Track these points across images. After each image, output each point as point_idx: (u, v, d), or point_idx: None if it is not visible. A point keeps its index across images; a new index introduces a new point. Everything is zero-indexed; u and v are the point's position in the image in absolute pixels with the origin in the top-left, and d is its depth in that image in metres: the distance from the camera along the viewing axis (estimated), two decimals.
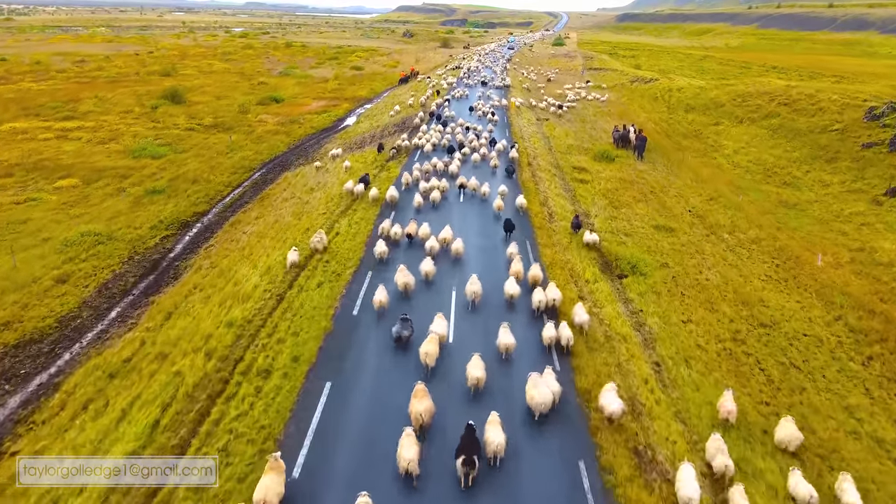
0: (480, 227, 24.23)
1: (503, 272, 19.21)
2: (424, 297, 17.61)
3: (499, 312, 17.03)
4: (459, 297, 17.64)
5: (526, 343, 15.37)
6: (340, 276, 17.60)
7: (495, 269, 19.94)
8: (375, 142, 39.58)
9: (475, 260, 20.73)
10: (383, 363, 14.18)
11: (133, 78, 77.08)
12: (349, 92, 70.55)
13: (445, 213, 25.10)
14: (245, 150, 40.53)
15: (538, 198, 27.16)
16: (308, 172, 33.38)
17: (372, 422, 12.05)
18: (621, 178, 34.12)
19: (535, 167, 33.21)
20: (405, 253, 20.62)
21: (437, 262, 19.15)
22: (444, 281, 18.73)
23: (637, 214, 28.12)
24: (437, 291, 18.16)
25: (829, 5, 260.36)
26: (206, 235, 25.81)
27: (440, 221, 22.86)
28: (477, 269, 18.99)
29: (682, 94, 57.60)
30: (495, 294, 17.76)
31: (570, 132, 46.08)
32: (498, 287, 17.92)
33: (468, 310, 17.12)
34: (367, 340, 15.01)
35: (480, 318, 16.79)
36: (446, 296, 17.82)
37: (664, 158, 39.43)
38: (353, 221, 22.39)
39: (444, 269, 19.48)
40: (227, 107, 56.69)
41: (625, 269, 21.91)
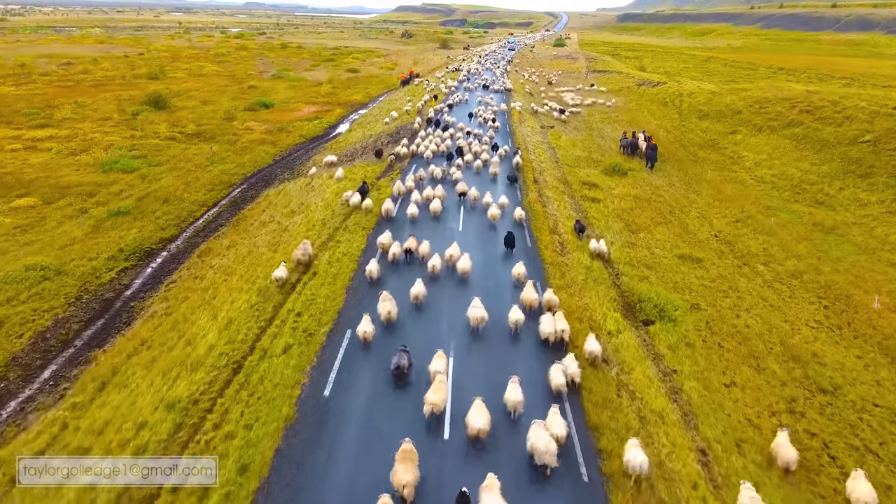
0: (480, 241, 22.36)
1: (506, 294, 18.04)
2: (414, 327, 15.92)
3: (502, 343, 15.50)
4: (454, 326, 15.92)
5: (531, 383, 13.45)
6: (312, 338, 14.42)
7: (496, 289, 18.43)
8: (367, 153, 36.49)
9: (473, 279, 18.95)
10: (360, 471, 10.79)
11: (118, 82, 73.98)
12: (343, 96, 67.45)
13: (444, 226, 23.66)
14: (226, 163, 37.41)
15: (547, 223, 24.05)
16: (291, 190, 30.27)
17: None
18: (636, 195, 31.05)
19: (543, 184, 30.11)
20: (403, 272, 18.91)
21: (429, 283, 17.70)
22: (437, 306, 17.04)
23: (658, 240, 25.04)
24: (428, 319, 16.43)
25: (832, 5, 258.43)
26: (171, 268, 22.69)
27: (440, 235, 21.78)
28: (476, 291, 17.49)
29: (693, 100, 54.51)
30: (496, 320, 16.17)
31: (577, 141, 43.00)
32: (499, 310, 16.47)
33: (467, 340, 15.46)
34: (340, 437, 11.71)
35: (481, 350, 15.09)
36: (440, 325, 16.08)
37: (680, 172, 36.34)
38: (335, 258, 19.21)
39: (437, 292, 17.74)
40: (213, 113, 53.59)
41: (650, 312, 18.82)
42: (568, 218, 25.84)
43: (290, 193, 29.73)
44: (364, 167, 32.12)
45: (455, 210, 25.73)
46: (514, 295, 17.89)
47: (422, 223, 23.60)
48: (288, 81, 77.89)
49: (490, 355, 14.85)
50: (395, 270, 19.23)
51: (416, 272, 18.48)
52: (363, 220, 23.37)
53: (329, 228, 22.40)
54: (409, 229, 22.33)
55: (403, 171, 31.46)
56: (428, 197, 25.57)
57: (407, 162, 34.17)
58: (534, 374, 14.02)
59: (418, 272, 18.46)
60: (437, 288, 17.98)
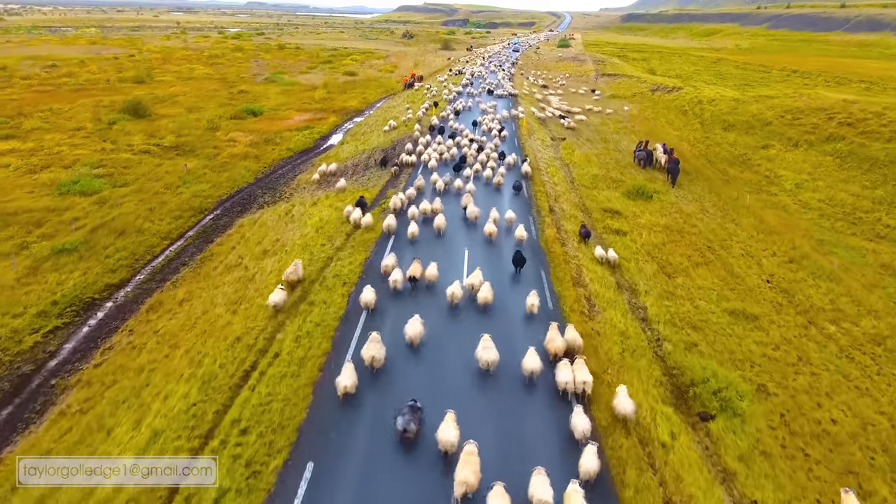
0: (487, 264, 19.73)
1: (518, 329, 15.92)
2: (407, 372, 13.71)
3: (515, 394, 13.27)
4: (456, 374, 13.80)
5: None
6: (259, 479, 10.25)
7: (507, 324, 16.13)
8: (359, 172, 32.39)
9: (478, 311, 16.70)
10: None
11: (102, 86, 69.99)
12: (338, 102, 63.35)
13: (449, 245, 21.56)
14: (201, 182, 33.34)
15: (569, 271, 19.90)
16: (268, 220, 26.20)
17: None
18: (666, 225, 26.93)
19: (559, 214, 25.97)
20: (405, 303, 16.74)
21: (433, 315, 15.92)
22: (438, 347, 14.77)
23: (700, 288, 20.92)
24: (426, 364, 14.22)
25: (841, 6, 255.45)
26: (113, 325, 18.64)
27: (446, 256, 20.03)
28: (482, 325, 15.49)
29: (715, 108, 50.33)
30: (505, 361, 13.98)
31: (593, 156, 38.87)
32: (509, 347, 14.43)
33: (474, 389, 13.35)
34: None
35: (492, 405, 12.87)
36: (439, 368, 14.02)
37: (712, 194, 32.18)
38: (305, 330, 14.97)
39: (435, 328, 15.41)
40: (196, 122, 49.50)
41: (708, 401, 14.68)
42: (592, 260, 21.70)
43: (266, 224, 25.64)
44: (353, 193, 27.97)
45: (461, 225, 23.71)
46: (526, 329, 15.97)
47: (424, 242, 21.59)
48: (281, 85, 73.82)
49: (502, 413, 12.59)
50: (398, 299, 17.06)
51: (419, 304, 16.45)
52: (348, 263, 19.23)
53: (304, 279, 18.26)
54: (410, 250, 20.53)
55: (406, 183, 29.38)
56: (425, 212, 23.84)
57: (411, 171, 32.15)
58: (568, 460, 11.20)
59: (423, 303, 16.50)
60: (437, 319, 15.91)
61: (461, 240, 22.13)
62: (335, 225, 22.92)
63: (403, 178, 31.36)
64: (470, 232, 23.02)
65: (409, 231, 21.41)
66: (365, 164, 32.90)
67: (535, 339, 15.05)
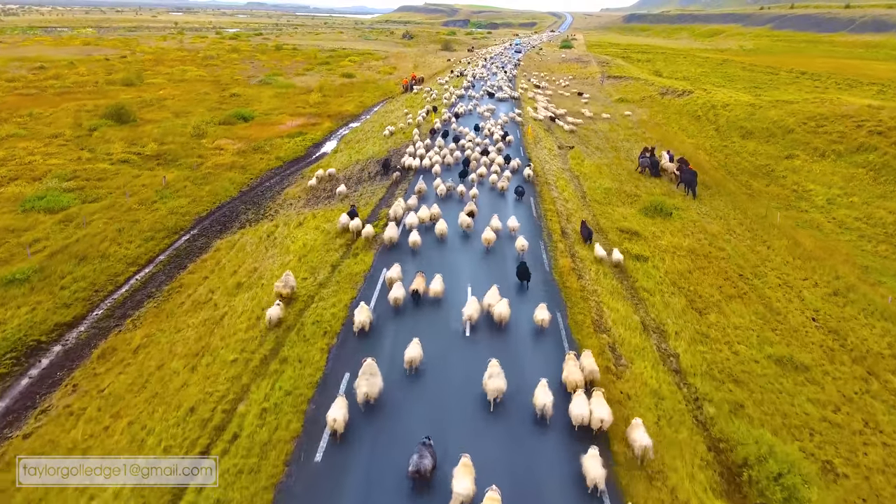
0: (494, 277, 18.48)
1: (527, 353, 14.84)
2: (401, 407, 12.34)
3: (525, 432, 11.99)
4: (460, 400, 12.69)
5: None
6: None
7: (513, 347, 14.98)
8: (352, 186, 29.66)
9: (482, 331, 15.56)
10: None
11: (88, 89, 67.34)
12: (334, 106, 60.68)
13: (451, 256, 20.52)
14: (180, 197, 30.65)
15: (589, 313, 17.17)
16: (248, 243, 23.50)
17: None
18: (690, 248, 24.23)
19: (573, 238, 23.22)
20: (405, 322, 15.66)
21: (433, 336, 14.86)
22: (440, 373, 13.63)
23: (737, 328, 18.23)
24: (424, 389, 13.02)
25: (845, 6, 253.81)
26: (56, 378, 15.93)
27: (451, 268, 18.93)
28: (485, 348, 14.49)
29: (730, 114, 47.61)
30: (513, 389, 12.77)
31: (604, 167, 36.16)
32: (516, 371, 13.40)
33: (480, 422, 12.16)
34: None
35: (502, 442, 11.66)
36: (440, 398, 12.77)
37: (737, 211, 29.47)
38: (272, 400, 12.20)
39: (434, 353, 14.15)
40: (182, 128, 46.82)
41: (767, 488, 11.96)
42: (613, 295, 19.00)
43: (245, 248, 22.94)
44: (342, 211, 25.21)
45: (464, 233, 22.68)
46: (534, 350, 14.94)
47: (426, 252, 20.63)
48: (275, 88, 71.15)
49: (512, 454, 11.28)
50: (398, 317, 15.97)
51: (420, 324, 15.47)
52: (332, 305, 16.49)
53: (273, 329, 15.49)
54: (411, 260, 19.54)
55: (407, 190, 28.11)
56: (423, 219, 22.72)
57: (412, 177, 30.75)
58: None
59: (425, 323, 15.52)
60: (441, 341, 14.86)
61: (462, 249, 21.23)
62: (320, 253, 20.20)
63: (404, 185, 29.52)
64: (475, 241, 21.97)
65: (411, 240, 20.34)
66: (358, 177, 30.18)
67: (546, 367, 13.92)
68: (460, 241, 22.14)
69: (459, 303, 16.45)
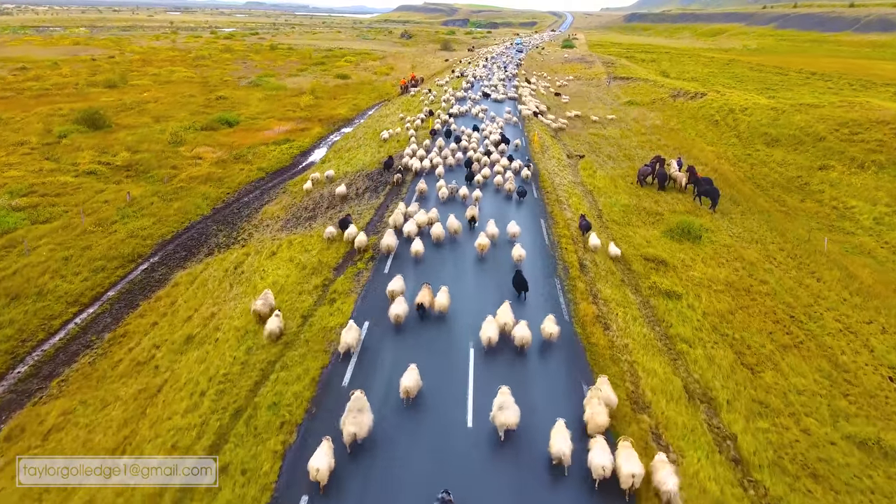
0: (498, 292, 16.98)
1: (536, 381, 13.12)
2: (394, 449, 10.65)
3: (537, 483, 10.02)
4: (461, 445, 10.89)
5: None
6: None
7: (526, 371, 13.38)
8: (335, 206, 26.17)
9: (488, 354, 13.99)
10: None
11: (68, 91, 63.90)
12: (326, 110, 57.18)
13: (451, 265, 19.13)
14: (144, 216, 27.18)
15: (623, 382, 13.65)
16: (211, 277, 20.04)
17: None
18: (728, 280, 20.79)
19: (593, 273, 19.70)
20: (405, 341, 14.35)
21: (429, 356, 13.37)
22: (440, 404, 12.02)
23: (800, 392, 14.80)
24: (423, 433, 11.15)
25: (850, 5, 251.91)
26: None
27: (455, 278, 17.57)
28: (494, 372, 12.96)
29: (751, 119, 44.15)
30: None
31: (618, 179, 32.72)
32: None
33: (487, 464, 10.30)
34: None
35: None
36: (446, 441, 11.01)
37: (774, 232, 26.00)
38: None
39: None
40: (160, 135, 43.39)
41: None
42: (647, 349, 15.52)
43: (206, 284, 19.48)
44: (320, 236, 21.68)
45: (468, 240, 21.05)
46: (548, 375, 13.50)
47: (430, 261, 19.29)
48: (265, 90, 67.65)
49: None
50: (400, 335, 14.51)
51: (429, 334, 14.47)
52: (295, 379, 12.88)
53: (225, 406, 12.00)
54: (413, 271, 18.13)
55: (407, 194, 26.79)
56: (421, 224, 21.30)
57: (412, 178, 29.43)
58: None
59: (425, 340, 14.30)
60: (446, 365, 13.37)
61: (463, 257, 19.80)
62: (291, 297, 16.72)
63: (404, 192, 27.42)
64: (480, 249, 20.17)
65: (413, 249, 19.11)
66: (343, 196, 26.65)
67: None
68: (459, 247, 20.66)
69: (462, 317, 15.36)
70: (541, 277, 17.69)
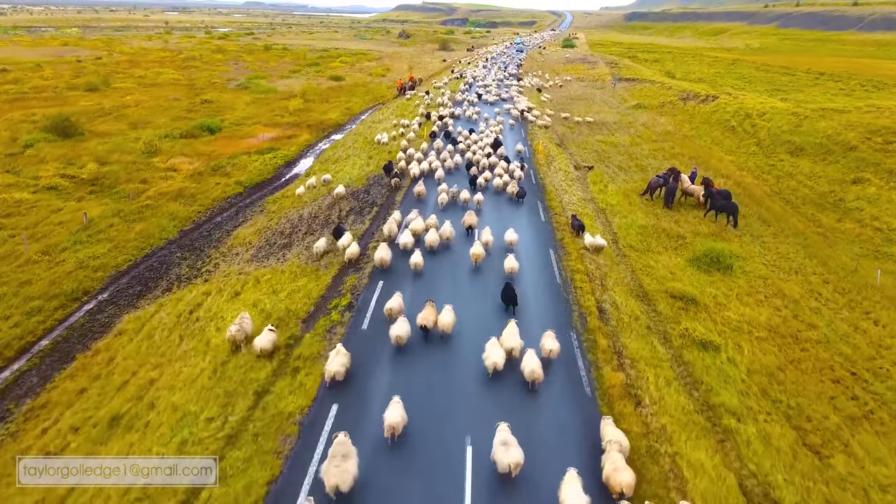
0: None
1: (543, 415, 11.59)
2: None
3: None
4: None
5: None
6: None
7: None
8: (314, 231, 23.01)
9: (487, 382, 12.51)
10: None
11: (46, 95, 60.65)
12: (316, 114, 54.03)
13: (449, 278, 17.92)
14: (100, 242, 24.05)
15: (663, 484, 10.57)
16: (160, 325, 16.92)
17: None
18: (770, 324, 17.70)
19: (615, 319, 16.56)
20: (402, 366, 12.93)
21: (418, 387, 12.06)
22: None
23: (884, 488, 11.72)
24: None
25: (853, 3, 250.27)
26: None
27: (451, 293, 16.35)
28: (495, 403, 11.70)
29: (771, 125, 41.02)
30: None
31: (631, 193, 29.63)
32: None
33: None
34: None
35: None
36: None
37: (814, 260, 22.87)
38: None
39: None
40: (135, 143, 40.22)
41: None
42: (688, 429, 12.40)
43: (153, 336, 16.35)
44: (292, 271, 18.58)
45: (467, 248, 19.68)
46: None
47: (430, 275, 18.11)
48: (254, 93, 64.48)
49: None
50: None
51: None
52: (241, 490, 9.86)
53: None
54: (411, 287, 16.99)
55: (403, 200, 25.73)
56: (417, 232, 20.24)
57: (410, 183, 28.36)
58: None
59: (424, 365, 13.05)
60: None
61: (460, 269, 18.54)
62: (247, 360, 13.56)
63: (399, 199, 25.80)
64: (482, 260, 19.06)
65: (412, 262, 17.94)
66: (325, 219, 23.46)
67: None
68: (458, 256, 19.57)
69: (462, 338, 14.34)
70: (554, 330, 14.53)
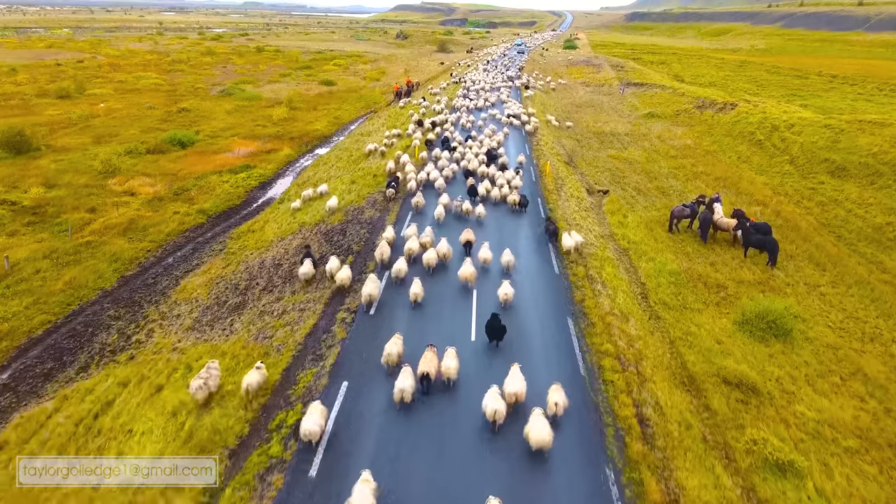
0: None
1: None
2: None
3: None
4: None
5: None
6: None
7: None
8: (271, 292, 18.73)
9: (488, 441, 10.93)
10: None
11: (13, 102, 56.38)
12: (300, 124, 49.75)
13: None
14: (16, 297, 19.70)
15: None
16: (54, 434, 12.63)
17: None
18: (857, 424, 13.55)
19: (650, 408, 12.29)
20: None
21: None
22: None
23: None
24: None
25: (858, 3, 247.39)
26: None
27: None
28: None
29: (803, 139, 36.78)
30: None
31: (654, 224, 25.42)
32: None
33: None
34: None
35: None
36: None
37: (889, 320, 18.63)
38: None
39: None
40: (92, 160, 35.87)
41: None
42: None
43: (47, 443, 12.06)
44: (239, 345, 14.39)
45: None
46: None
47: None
48: (236, 100, 60.16)
49: None
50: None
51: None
52: None
53: None
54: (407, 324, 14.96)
55: (399, 214, 24.61)
56: (412, 251, 19.13)
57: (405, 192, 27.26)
58: None
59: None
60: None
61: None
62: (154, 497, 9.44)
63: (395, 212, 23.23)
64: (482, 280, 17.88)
65: (411, 293, 16.66)
66: (289, 269, 19.16)
67: None
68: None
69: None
70: (582, 463, 10.22)
